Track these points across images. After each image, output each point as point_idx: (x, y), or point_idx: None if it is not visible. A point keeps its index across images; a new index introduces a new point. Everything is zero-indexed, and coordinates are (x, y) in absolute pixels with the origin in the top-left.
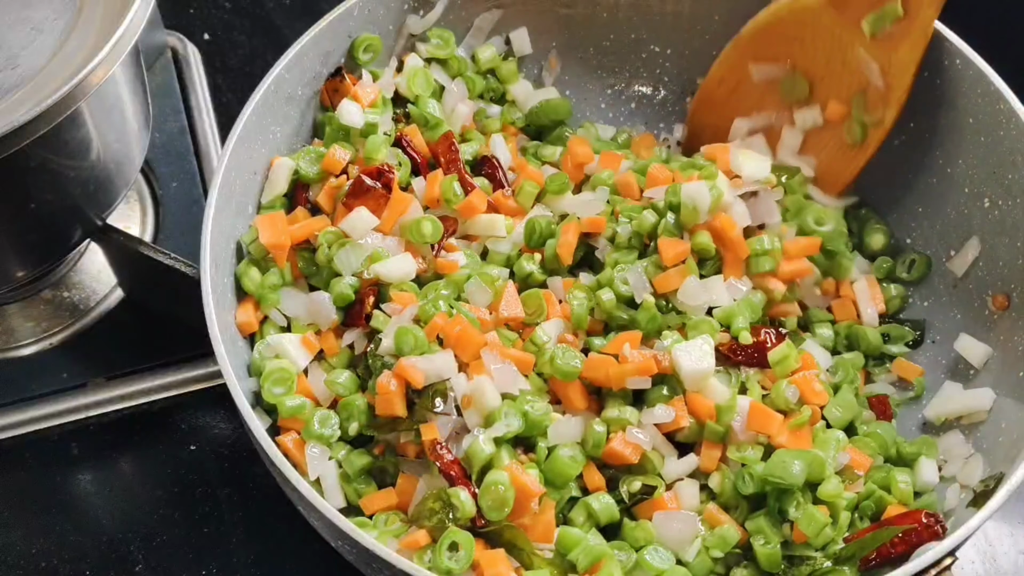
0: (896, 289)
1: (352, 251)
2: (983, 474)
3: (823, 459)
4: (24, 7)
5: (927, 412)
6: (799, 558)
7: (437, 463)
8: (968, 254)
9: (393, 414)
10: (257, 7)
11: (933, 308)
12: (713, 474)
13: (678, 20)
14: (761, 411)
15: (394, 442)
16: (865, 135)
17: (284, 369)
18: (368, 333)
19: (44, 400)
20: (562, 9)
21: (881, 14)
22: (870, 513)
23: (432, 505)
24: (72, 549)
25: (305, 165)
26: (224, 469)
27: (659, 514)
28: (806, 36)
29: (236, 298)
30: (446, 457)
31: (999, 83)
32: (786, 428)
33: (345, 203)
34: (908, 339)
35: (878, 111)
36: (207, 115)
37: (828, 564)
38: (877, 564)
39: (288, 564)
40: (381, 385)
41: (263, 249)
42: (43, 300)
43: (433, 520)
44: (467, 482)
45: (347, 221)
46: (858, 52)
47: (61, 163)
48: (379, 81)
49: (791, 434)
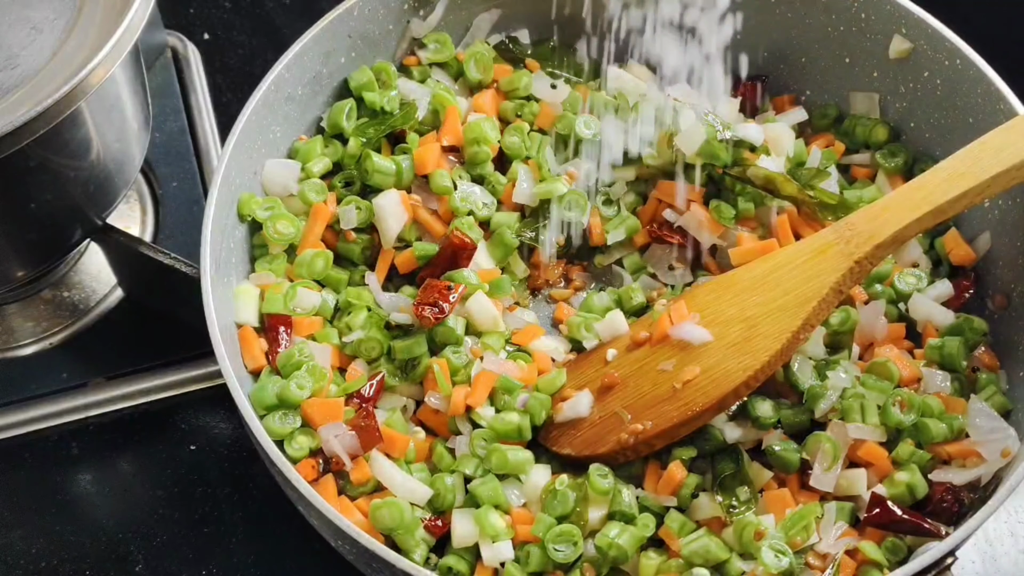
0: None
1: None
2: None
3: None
4: (24, 7)
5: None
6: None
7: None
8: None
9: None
10: (257, 7)
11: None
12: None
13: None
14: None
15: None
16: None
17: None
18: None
19: (44, 400)
20: (562, 9)
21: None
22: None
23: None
24: (72, 549)
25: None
26: (224, 469)
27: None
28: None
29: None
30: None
31: (999, 83)
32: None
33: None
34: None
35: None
36: (207, 115)
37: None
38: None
39: (288, 564)
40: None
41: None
42: (43, 300)
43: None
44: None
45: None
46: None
47: (61, 163)
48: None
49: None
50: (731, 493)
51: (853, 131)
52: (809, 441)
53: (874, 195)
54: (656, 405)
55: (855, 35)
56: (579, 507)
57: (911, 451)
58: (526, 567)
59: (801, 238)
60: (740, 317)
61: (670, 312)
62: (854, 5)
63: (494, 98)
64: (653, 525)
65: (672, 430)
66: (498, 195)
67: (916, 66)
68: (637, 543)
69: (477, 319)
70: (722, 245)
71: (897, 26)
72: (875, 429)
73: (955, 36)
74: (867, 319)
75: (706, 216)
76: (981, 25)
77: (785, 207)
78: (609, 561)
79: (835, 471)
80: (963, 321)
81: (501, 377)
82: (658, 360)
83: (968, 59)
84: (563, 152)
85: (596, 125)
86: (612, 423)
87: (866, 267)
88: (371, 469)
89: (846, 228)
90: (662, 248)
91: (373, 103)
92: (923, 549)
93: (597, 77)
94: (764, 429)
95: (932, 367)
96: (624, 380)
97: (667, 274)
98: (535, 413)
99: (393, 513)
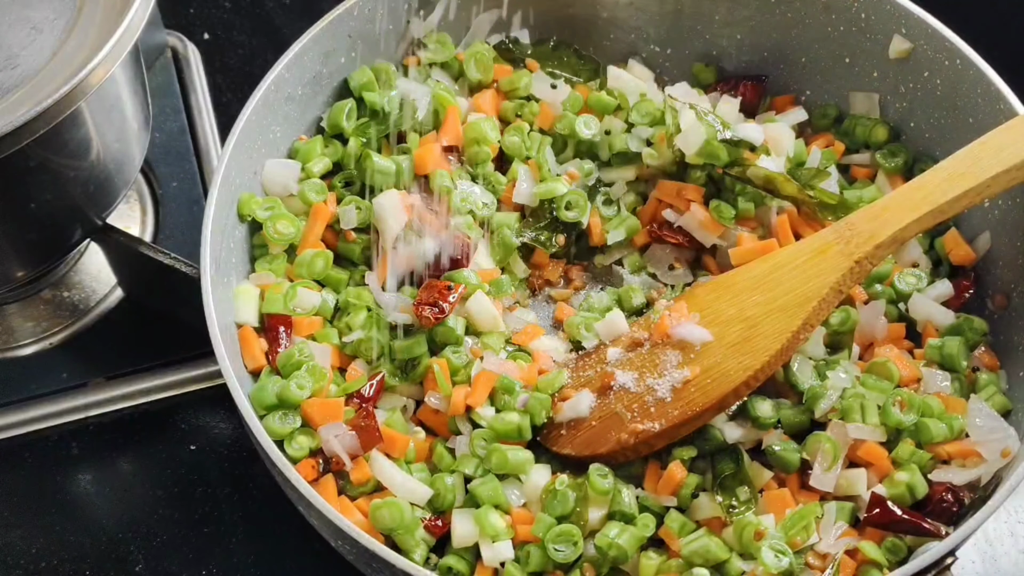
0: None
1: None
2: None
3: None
4: (24, 7)
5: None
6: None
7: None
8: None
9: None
10: (257, 7)
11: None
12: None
13: (678, 20)
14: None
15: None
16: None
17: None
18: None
19: (44, 400)
20: (562, 9)
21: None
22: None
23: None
24: (72, 549)
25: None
26: (224, 469)
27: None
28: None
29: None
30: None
31: (999, 83)
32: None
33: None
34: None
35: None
36: (207, 115)
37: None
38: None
39: (288, 564)
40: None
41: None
42: (43, 300)
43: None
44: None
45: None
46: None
47: (61, 163)
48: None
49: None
50: (731, 493)
51: (853, 131)
52: (809, 441)
53: (874, 195)
54: (656, 405)
55: (855, 35)
56: (579, 507)
57: (911, 451)
58: (526, 567)
59: (801, 238)
60: (740, 317)
61: (670, 312)
62: (854, 5)
63: (494, 98)
64: (653, 525)
65: (672, 430)
66: (498, 195)
67: (916, 66)
68: (637, 543)
69: (477, 319)
70: (722, 245)
71: (897, 26)
72: (875, 429)
73: (955, 36)
74: (867, 319)
75: (706, 216)
76: (981, 25)
77: (785, 207)
78: (609, 561)
79: (835, 471)
80: (963, 321)
81: (501, 377)
82: (658, 360)
83: (968, 59)
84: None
85: (596, 125)
86: (612, 423)
87: (866, 267)
88: (371, 469)
89: (846, 228)
90: (662, 248)
91: (373, 103)
92: (923, 549)
93: (597, 77)
94: (764, 429)
95: (932, 367)
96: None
97: (667, 274)
98: (535, 413)
99: (393, 513)
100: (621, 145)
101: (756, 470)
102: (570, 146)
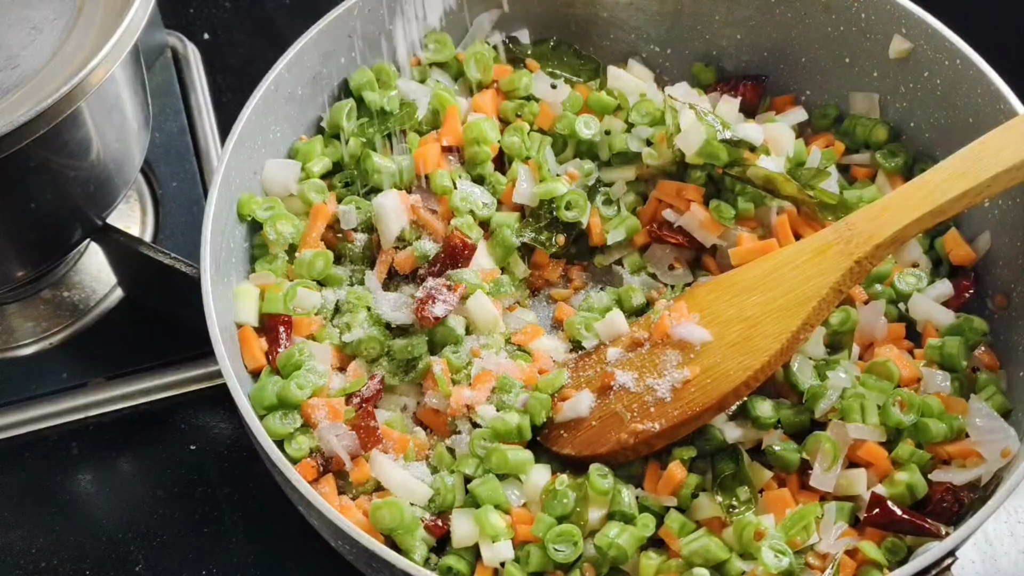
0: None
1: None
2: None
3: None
4: (24, 7)
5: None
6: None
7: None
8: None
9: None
10: (257, 7)
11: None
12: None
13: (678, 20)
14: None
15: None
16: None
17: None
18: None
19: (44, 400)
20: (562, 8)
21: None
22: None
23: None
24: (72, 549)
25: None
26: (224, 469)
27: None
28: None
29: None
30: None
31: (999, 83)
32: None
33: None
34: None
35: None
36: (207, 115)
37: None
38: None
39: (288, 564)
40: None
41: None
42: (43, 300)
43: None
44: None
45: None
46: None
47: (61, 163)
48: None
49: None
50: (731, 493)
51: (853, 131)
52: (809, 441)
53: (874, 195)
54: (656, 405)
55: (855, 35)
56: (579, 507)
57: (911, 451)
58: (526, 567)
59: (801, 238)
60: (740, 317)
61: (670, 312)
62: (854, 5)
63: (494, 98)
64: (653, 525)
65: (672, 430)
66: (498, 195)
67: (916, 66)
68: (637, 543)
69: (477, 319)
70: (722, 245)
71: (897, 26)
72: (875, 429)
73: (955, 36)
74: (867, 319)
75: (706, 216)
76: (981, 25)
77: (785, 207)
78: (609, 561)
79: (835, 471)
80: (963, 321)
81: (501, 377)
82: (658, 360)
83: (968, 59)
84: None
85: (596, 125)
86: (612, 423)
87: (866, 267)
88: (371, 469)
89: (846, 228)
90: (662, 248)
91: (373, 103)
92: (923, 549)
93: (597, 77)
94: (764, 429)
95: (932, 367)
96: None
97: (667, 274)
98: (535, 413)
99: (393, 513)
100: (621, 145)
101: (756, 470)
102: (570, 146)
